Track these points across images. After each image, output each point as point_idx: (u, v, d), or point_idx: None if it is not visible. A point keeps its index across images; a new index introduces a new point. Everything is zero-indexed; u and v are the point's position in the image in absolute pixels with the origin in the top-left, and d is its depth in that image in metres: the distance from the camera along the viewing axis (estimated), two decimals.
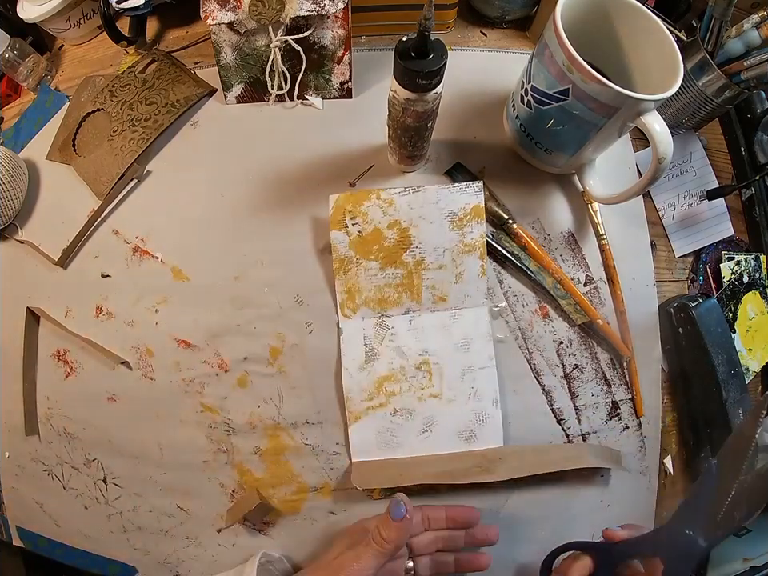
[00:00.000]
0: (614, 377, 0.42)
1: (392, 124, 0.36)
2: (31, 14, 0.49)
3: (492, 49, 0.47)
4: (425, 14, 0.25)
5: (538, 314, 0.42)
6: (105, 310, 0.45)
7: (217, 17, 0.40)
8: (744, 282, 0.45)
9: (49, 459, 0.46)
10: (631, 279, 0.43)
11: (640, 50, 0.36)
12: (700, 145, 0.46)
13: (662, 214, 0.45)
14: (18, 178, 0.47)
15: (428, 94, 0.31)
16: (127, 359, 0.44)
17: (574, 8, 0.33)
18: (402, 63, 0.28)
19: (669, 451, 0.43)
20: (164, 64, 0.48)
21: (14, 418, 0.47)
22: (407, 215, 0.40)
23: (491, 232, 0.42)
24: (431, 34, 0.27)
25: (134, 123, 0.46)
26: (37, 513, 0.47)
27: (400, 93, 0.31)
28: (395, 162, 0.42)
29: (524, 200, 0.43)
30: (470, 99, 0.45)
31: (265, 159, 0.45)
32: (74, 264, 0.47)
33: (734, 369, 0.40)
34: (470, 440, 0.40)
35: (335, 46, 0.43)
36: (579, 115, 0.34)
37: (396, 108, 0.33)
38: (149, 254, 0.45)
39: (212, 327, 0.43)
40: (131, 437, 0.44)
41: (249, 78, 0.45)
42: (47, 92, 0.52)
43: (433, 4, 0.25)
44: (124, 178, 0.46)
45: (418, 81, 0.29)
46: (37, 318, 0.47)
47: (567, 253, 0.43)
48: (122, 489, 0.44)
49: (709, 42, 0.38)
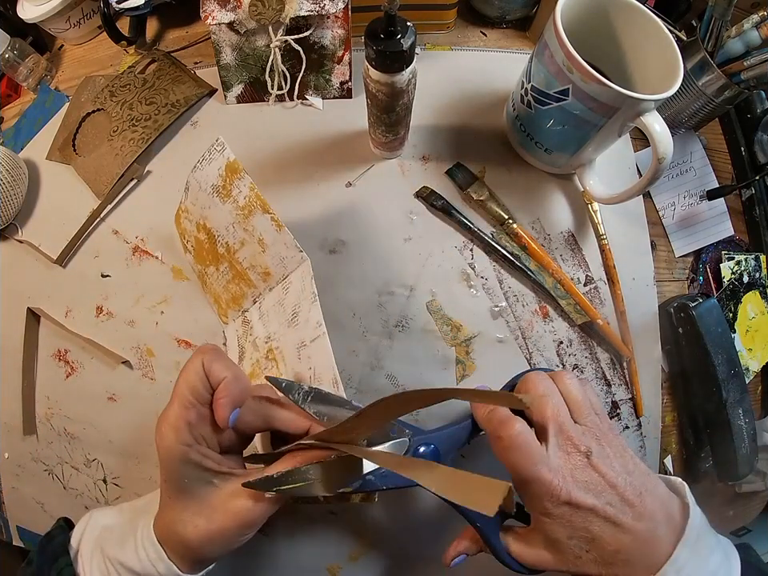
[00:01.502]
0: (614, 377, 0.42)
1: (368, 107, 0.37)
2: (31, 13, 0.49)
3: (492, 49, 0.47)
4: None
5: (537, 314, 0.42)
6: (105, 310, 0.45)
7: (217, 17, 0.40)
8: (744, 282, 0.45)
9: (49, 459, 0.46)
10: (631, 279, 0.43)
11: (640, 50, 0.36)
12: (700, 145, 0.46)
13: (661, 214, 0.45)
14: (18, 178, 0.47)
15: (395, 75, 0.31)
16: (128, 359, 0.44)
17: (574, 8, 0.33)
18: (370, 43, 0.29)
19: (669, 451, 0.43)
20: (164, 64, 0.48)
21: (14, 418, 0.47)
22: (197, 213, 0.39)
23: (491, 232, 0.42)
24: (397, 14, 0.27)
25: (133, 123, 0.46)
26: (37, 513, 0.47)
27: (372, 74, 0.31)
28: (373, 147, 0.43)
29: (524, 200, 0.43)
30: (470, 99, 0.45)
31: (265, 159, 0.45)
32: (74, 264, 0.47)
33: (734, 369, 0.40)
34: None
35: (335, 45, 0.43)
36: (579, 115, 0.34)
37: (369, 90, 0.33)
38: (149, 253, 0.45)
39: (212, 327, 0.43)
40: (131, 437, 0.44)
41: (249, 78, 0.45)
42: (47, 92, 0.52)
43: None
44: (124, 178, 0.46)
45: (386, 61, 0.30)
46: (37, 318, 0.47)
47: (567, 253, 0.43)
48: (122, 489, 0.44)
49: (709, 42, 0.38)
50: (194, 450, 0.27)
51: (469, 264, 0.42)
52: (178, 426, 0.27)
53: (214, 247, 0.40)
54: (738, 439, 0.40)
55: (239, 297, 0.40)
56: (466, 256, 0.42)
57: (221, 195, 0.37)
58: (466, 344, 0.41)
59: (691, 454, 0.43)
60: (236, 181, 0.35)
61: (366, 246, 0.43)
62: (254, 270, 0.38)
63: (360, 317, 0.42)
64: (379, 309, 0.42)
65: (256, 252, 0.37)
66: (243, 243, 0.38)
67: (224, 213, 0.37)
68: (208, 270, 0.41)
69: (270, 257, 0.37)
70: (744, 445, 0.41)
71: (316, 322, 0.33)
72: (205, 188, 0.37)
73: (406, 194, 0.43)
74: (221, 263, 0.40)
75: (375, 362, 0.41)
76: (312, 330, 0.33)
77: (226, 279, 0.40)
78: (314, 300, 0.33)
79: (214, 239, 0.39)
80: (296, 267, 0.36)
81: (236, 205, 0.36)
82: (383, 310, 0.42)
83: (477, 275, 0.42)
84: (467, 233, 0.42)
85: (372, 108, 0.36)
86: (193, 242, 0.41)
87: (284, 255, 0.36)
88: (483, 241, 0.42)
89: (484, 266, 0.42)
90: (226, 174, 0.36)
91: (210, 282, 0.42)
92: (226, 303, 0.41)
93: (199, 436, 0.28)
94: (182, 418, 0.27)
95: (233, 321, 0.42)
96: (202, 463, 0.27)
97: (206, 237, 0.40)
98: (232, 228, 0.37)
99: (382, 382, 0.41)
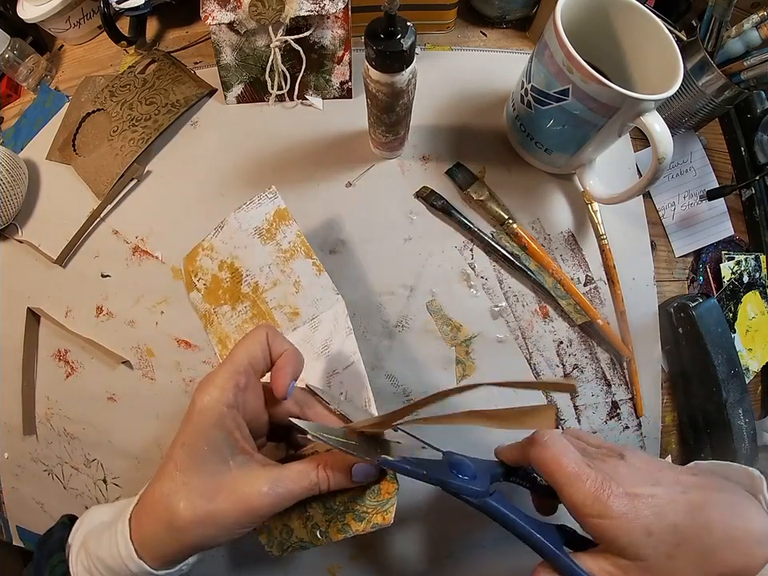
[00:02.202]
0: (614, 377, 0.42)
1: (368, 107, 0.37)
2: (31, 13, 0.49)
3: (492, 49, 0.47)
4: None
5: (537, 314, 0.42)
6: (105, 310, 0.45)
7: (217, 17, 0.40)
8: (744, 282, 0.45)
9: (49, 459, 0.46)
10: (631, 279, 0.43)
11: (640, 50, 0.36)
12: (700, 145, 0.46)
13: (662, 214, 0.45)
14: (18, 178, 0.47)
15: (395, 75, 0.31)
16: (128, 359, 0.44)
17: (574, 8, 0.33)
18: (370, 43, 0.29)
19: (669, 451, 0.43)
20: (164, 64, 0.48)
21: (14, 419, 0.47)
22: (226, 252, 0.41)
23: (491, 232, 0.42)
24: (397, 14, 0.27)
25: (133, 123, 0.46)
26: (37, 513, 0.47)
27: (372, 74, 0.31)
28: (373, 147, 0.43)
29: (524, 200, 0.43)
30: (470, 99, 0.45)
31: (265, 159, 0.45)
32: (74, 264, 0.47)
33: (734, 369, 0.40)
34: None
35: (335, 45, 0.43)
36: (579, 115, 0.34)
37: (369, 90, 0.33)
38: (149, 253, 0.45)
39: None
40: (131, 437, 0.44)
41: (249, 78, 0.45)
42: (47, 92, 0.52)
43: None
44: (124, 178, 0.46)
45: (386, 61, 0.30)
46: (37, 318, 0.47)
47: (567, 253, 0.43)
48: (122, 489, 0.44)
49: (709, 42, 0.38)
50: (230, 414, 0.26)
51: (469, 264, 0.42)
52: (225, 386, 0.26)
53: (237, 287, 0.41)
54: (738, 439, 0.40)
55: None
56: (465, 256, 0.42)
57: (263, 237, 0.39)
58: (466, 344, 0.41)
59: (691, 454, 0.43)
60: (282, 226, 0.39)
61: (366, 246, 0.43)
62: (280, 309, 0.40)
63: (360, 317, 0.42)
64: (379, 309, 0.42)
65: (288, 293, 0.39)
66: (276, 284, 0.40)
67: (262, 254, 0.40)
68: (220, 310, 0.42)
69: (303, 298, 0.39)
70: (744, 445, 0.40)
71: (351, 351, 0.35)
72: (246, 228, 0.40)
73: (406, 194, 0.43)
74: (241, 302, 0.41)
75: (375, 361, 0.41)
76: (345, 358, 0.35)
77: (242, 319, 0.41)
78: (349, 333, 0.36)
79: (239, 278, 0.41)
80: (329, 308, 0.38)
81: (278, 248, 0.39)
82: (383, 310, 0.42)
83: (477, 275, 0.42)
84: (467, 233, 0.42)
85: (372, 108, 0.36)
86: (208, 280, 0.42)
87: (318, 297, 0.39)
88: (483, 241, 0.42)
89: (484, 266, 0.42)
90: (274, 218, 0.39)
91: (217, 322, 0.42)
92: (234, 343, 0.40)
93: (241, 404, 0.27)
94: (232, 380, 0.26)
95: None
96: (232, 432, 0.26)
97: (229, 275, 0.41)
98: (267, 269, 0.40)
99: (382, 381, 0.41)
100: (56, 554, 0.28)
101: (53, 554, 0.28)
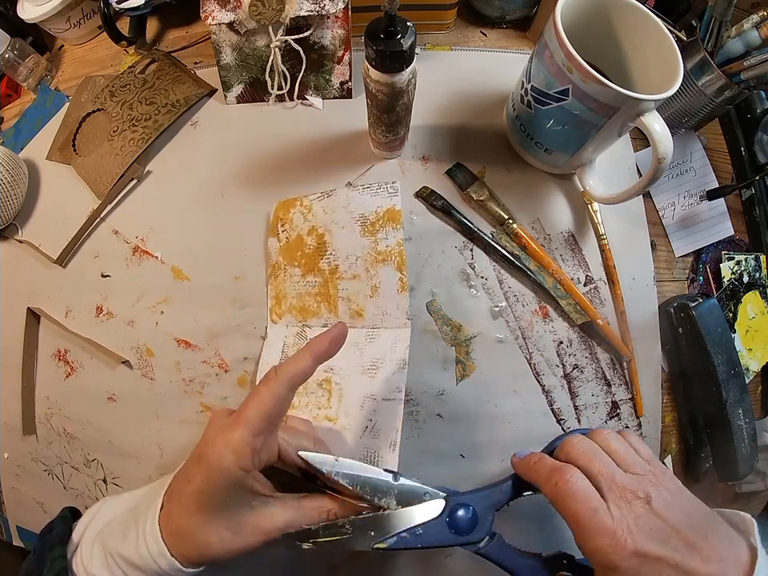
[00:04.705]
0: (614, 377, 0.42)
1: (368, 107, 0.37)
2: (31, 13, 0.49)
3: (492, 49, 0.47)
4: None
5: (537, 314, 0.42)
6: (105, 310, 0.45)
7: (217, 17, 0.40)
8: (744, 282, 0.45)
9: (49, 459, 0.46)
10: (631, 279, 0.43)
11: (640, 50, 0.36)
12: (700, 145, 0.46)
13: (662, 214, 0.45)
14: (18, 178, 0.47)
15: (395, 75, 0.31)
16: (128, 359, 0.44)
17: (574, 8, 0.33)
18: (370, 43, 0.29)
19: (669, 451, 0.43)
20: (164, 64, 0.48)
21: (14, 419, 0.47)
22: (322, 220, 0.39)
23: (491, 232, 0.42)
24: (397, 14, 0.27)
25: (134, 123, 0.46)
26: (37, 513, 0.47)
27: (372, 74, 0.31)
28: (373, 147, 0.43)
29: (524, 200, 0.43)
30: (470, 99, 0.45)
31: (265, 159, 0.45)
32: (73, 264, 0.47)
33: (734, 369, 0.40)
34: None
35: (335, 45, 0.43)
36: (579, 115, 0.34)
37: (369, 90, 0.33)
38: (149, 253, 0.45)
39: (212, 327, 0.43)
40: (131, 437, 0.44)
41: (249, 78, 0.45)
42: (47, 92, 0.52)
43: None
44: (124, 178, 0.46)
45: (386, 61, 0.30)
46: (37, 318, 0.47)
47: (567, 253, 0.43)
48: (122, 489, 0.44)
49: (709, 42, 0.38)
50: (250, 475, 0.27)
51: (469, 264, 0.42)
52: (242, 452, 0.26)
53: (316, 259, 0.39)
54: (738, 439, 0.40)
55: (311, 312, 0.39)
56: (466, 256, 0.42)
57: (364, 228, 0.37)
58: (466, 344, 0.41)
59: (691, 454, 0.43)
60: (388, 227, 0.37)
61: None
62: (347, 302, 0.38)
63: None
64: None
65: (363, 293, 0.38)
66: (354, 277, 0.38)
67: (356, 243, 0.38)
68: (290, 269, 0.40)
69: (375, 305, 0.37)
70: (744, 445, 0.40)
71: (397, 387, 0.34)
72: (352, 210, 0.38)
73: (406, 194, 0.43)
74: (314, 275, 0.39)
75: None
76: (390, 391, 0.35)
77: (306, 289, 0.39)
78: (403, 367, 0.35)
79: (323, 252, 0.39)
80: (393, 327, 0.37)
81: (374, 246, 0.37)
82: None
83: (477, 275, 0.42)
84: (467, 233, 0.42)
85: (372, 108, 0.36)
86: (292, 237, 0.40)
87: (389, 312, 0.37)
88: (483, 241, 0.42)
89: (484, 266, 0.42)
90: (384, 216, 0.37)
91: (282, 278, 0.40)
92: (289, 307, 0.40)
93: (258, 462, 0.28)
94: (249, 445, 0.27)
95: (285, 326, 0.41)
96: (253, 488, 0.28)
97: (315, 244, 0.39)
98: (354, 259, 0.38)
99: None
100: (56, 547, 0.29)
101: (53, 547, 0.29)
